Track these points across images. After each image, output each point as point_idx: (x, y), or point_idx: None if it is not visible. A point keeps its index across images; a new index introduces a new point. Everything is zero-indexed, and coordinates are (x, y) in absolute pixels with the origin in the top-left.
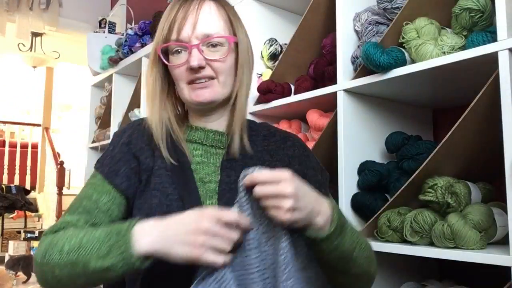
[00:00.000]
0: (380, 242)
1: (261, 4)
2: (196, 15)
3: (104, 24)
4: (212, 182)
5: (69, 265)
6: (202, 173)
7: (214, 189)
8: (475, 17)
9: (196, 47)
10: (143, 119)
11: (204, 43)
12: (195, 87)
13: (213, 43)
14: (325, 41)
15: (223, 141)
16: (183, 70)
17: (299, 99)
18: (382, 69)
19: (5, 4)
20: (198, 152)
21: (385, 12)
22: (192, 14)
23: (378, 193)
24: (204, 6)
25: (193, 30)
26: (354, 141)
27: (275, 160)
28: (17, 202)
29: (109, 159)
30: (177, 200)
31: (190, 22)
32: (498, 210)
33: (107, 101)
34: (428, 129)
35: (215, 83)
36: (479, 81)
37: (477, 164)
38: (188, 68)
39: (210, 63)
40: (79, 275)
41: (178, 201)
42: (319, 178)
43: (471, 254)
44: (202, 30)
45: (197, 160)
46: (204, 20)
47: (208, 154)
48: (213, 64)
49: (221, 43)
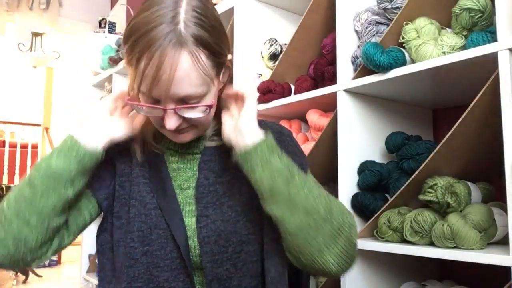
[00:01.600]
0: (380, 242)
1: (261, 4)
2: (170, 76)
3: (104, 24)
4: (190, 188)
5: (15, 197)
6: (180, 180)
7: (192, 194)
8: (475, 17)
9: (172, 110)
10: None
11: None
12: (173, 133)
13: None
14: (325, 41)
15: (199, 146)
16: (159, 120)
17: (299, 99)
18: (382, 69)
19: (5, 4)
20: (174, 158)
21: (385, 12)
22: (166, 74)
23: (378, 193)
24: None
25: (167, 92)
26: (354, 141)
27: None
28: None
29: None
30: (156, 209)
31: (164, 83)
32: (498, 210)
33: None
34: (428, 129)
35: (194, 129)
36: (479, 81)
37: (477, 164)
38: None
39: (188, 119)
40: (26, 204)
41: (156, 209)
42: (300, 160)
43: (471, 254)
44: (178, 93)
45: (173, 167)
46: (180, 81)
47: (185, 160)
48: (191, 120)
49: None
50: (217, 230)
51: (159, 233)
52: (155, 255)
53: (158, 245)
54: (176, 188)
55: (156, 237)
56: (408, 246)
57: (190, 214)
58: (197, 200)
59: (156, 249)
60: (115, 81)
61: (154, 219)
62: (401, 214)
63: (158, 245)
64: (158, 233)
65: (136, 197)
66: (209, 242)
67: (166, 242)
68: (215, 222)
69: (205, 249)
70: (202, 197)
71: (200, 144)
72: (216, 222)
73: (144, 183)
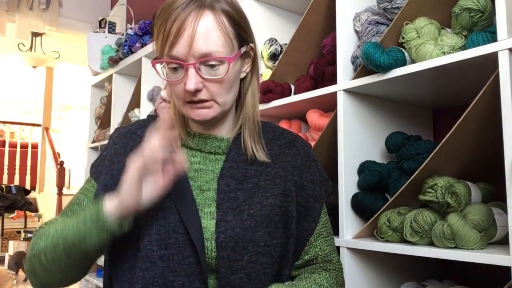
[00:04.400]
0: (380, 242)
1: (261, 4)
2: (193, 31)
3: (104, 24)
4: (210, 190)
5: (52, 247)
6: (201, 181)
7: (212, 197)
8: (475, 17)
9: (193, 67)
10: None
11: (202, 62)
12: (194, 106)
13: (212, 63)
14: (325, 41)
15: (222, 146)
16: (181, 89)
17: (299, 99)
18: (382, 69)
19: (5, 4)
20: (196, 159)
21: (385, 12)
22: (188, 29)
23: (378, 193)
24: (202, 20)
25: (189, 48)
26: (354, 141)
27: (276, 167)
28: (17, 202)
29: (102, 165)
30: (174, 213)
31: (186, 38)
32: (498, 210)
33: (107, 101)
34: (428, 129)
35: (214, 105)
36: (479, 81)
37: (477, 164)
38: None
39: (208, 84)
40: (60, 255)
41: (175, 214)
42: (316, 192)
43: (471, 254)
44: (199, 48)
45: (195, 167)
46: (202, 37)
47: (206, 161)
48: (211, 86)
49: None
50: (236, 237)
51: (177, 238)
52: (172, 259)
53: (176, 249)
54: (196, 188)
55: (174, 241)
56: (408, 246)
57: (208, 216)
58: (218, 205)
59: (174, 254)
60: (115, 81)
61: (172, 224)
62: (401, 214)
63: (176, 249)
64: (176, 237)
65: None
66: (227, 247)
67: (184, 247)
68: (234, 229)
69: (221, 254)
70: (223, 203)
71: (223, 144)
72: (235, 229)
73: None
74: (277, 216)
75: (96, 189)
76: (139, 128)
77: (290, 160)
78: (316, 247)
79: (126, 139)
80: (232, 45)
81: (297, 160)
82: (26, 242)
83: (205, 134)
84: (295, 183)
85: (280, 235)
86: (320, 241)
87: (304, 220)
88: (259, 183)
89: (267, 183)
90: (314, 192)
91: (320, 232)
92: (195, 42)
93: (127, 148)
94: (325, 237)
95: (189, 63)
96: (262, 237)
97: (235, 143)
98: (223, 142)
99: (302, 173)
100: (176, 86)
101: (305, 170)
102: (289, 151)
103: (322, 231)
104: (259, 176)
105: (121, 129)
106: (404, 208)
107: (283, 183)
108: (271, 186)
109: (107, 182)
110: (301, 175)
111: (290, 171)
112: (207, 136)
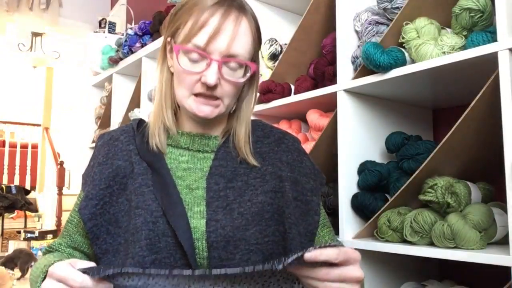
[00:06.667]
0: (380, 242)
1: (261, 4)
2: (233, 32)
3: (104, 24)
4: (199, 188)
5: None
6: (189, 180)
7: (201, 195)
8: (475, 17)
9: (217, 63)
10: (144, 122)
11: (227, 61)
12: (200, 101)
13: (233, 65)
14: (325, 41)
15: (211, 144)
16: (195, 80)
17: (299, 99)
18: (382, 69)
19: (5, 4)
20: (184, 158)
21: (385, 12)
22: (229, 29)
23: (378, 193)
24: (242, 23)
25: (225, 46)
26: (354, 141)
27: (266, 164)
28: (17, 202)
29: (89, 176)
30: (162, 216)
31: (225, 37)
32: (498, 210)
33: (107, 101)
34: (428, 129)
35: (219, 104)
36: (479, 81)
37: (477, 164)
38: (202, 80)
39: (223, 83)
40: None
41: (163, 217)
42: (312, 185)
43: (471, 254)
44: (231, 49)
45: (183, 166)
46: (239, 40)
47: (195, 159)
48: (225, 86)
49: (242, 66)
50: (226, 236)
51: (168, 241)
52: (164, 262)
53: (167, 253)
54: (184, 188)
55: (164, 244)
56: (408, 246)
57: (198, 216)
58: (207, 204)
59: (165, 257)
60: (115, 81)
61: (161, 227)
62: (401, 214)
63: (167, 252)
64: (166, 240)
65: (142, 206)
66: (218, 247)
67: (175, 249)
68: (224, 228)
69: (213, 254)
70: (212, 201)
71: (211, 142)
72: (226, 228)
73: (149, 191)
74: (268, 213)
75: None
76: (122, 134)
77: (280, 157)
78: (324, 237)
79: (108, 147)
80: (253, 54)
81: (288, 156)
82: (26, 242)
83: (192, 133)
84: (289, 178)
85: (272, 233)
86: (326, 231)
87: (307, 214)
88: (249, 181)
89: (257, 181)
90: (309, 186)
91: (324, 223)
92: (231, 43)
93: (109, 156)
94: (328, 227)
95: (215, 58)
96: (253, 235)
97: (224, 141)
98: (211, 140)
99: (295, 168)
100: (188, 76)
101: (297, 165)
102: (278, 148)
103: (325, 221)
104: (249, 174)
105: (104, 135)
106: (404, 208)
107: (273, 180)
108: (261, 183)
109: (89, 193)
110: (294, 170)
111: (280, 168)
112: (194, 134)
